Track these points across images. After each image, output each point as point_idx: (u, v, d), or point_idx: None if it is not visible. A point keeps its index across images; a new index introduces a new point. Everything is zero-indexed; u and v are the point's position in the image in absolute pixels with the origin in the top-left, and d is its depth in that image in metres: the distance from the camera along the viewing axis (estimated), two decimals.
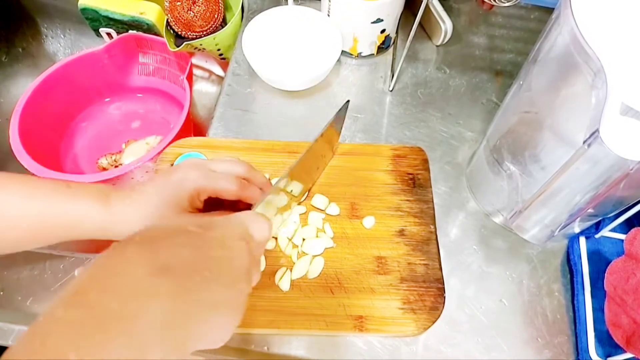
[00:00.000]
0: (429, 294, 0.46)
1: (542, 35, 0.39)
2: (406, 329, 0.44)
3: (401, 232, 0.50)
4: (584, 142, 0.31)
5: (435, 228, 0.50)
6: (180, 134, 0.59)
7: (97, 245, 0.56)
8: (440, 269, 0.47)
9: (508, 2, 0.53)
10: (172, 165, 0.53)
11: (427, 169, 0.54)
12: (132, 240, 0.27)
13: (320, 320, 0.44)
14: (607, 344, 0.45)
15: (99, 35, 0.75)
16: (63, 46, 0.83)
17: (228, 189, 0.41)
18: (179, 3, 0.68)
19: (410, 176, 0.53)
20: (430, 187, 0.53)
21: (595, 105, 0.32)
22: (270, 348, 0.45)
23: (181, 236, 0.29)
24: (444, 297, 0.46)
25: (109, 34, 0.74)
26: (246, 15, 0.72)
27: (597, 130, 0.29)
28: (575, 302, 0.47)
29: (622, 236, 0.50)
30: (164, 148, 0.54)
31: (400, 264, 0.47)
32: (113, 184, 0.55)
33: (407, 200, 0.52)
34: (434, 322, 0.45)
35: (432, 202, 0.52)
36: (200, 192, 0.41)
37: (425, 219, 0.51)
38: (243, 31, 0.62)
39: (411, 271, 0.47)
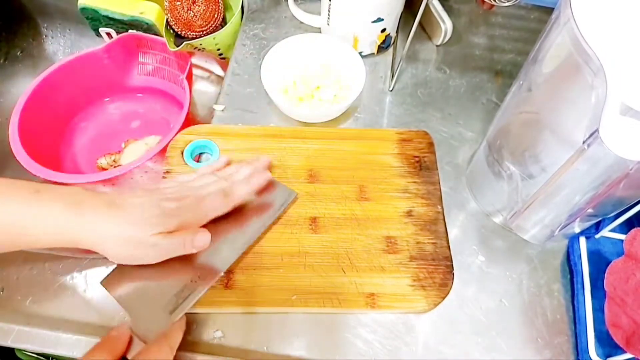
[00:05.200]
0: (438, 271, 0.47)
1: (542, 35, 0.39)
2: (417, 305, 0.46)
3: (409, 213, 0.51)
4: (584, 142, 0.31)
5: (442, 208, 0.52)
6: None
7: None
8: (449, 247, 0.49)
9: (508, 2, 0.53)
10: (182, 152, 0.53)
11: (433, 152, 0.56)
12: None
13: (333, 298, 0.46)
14: (607, 344, 0.44)
15: (98, 35, 0.75)
16: (63, 46, 0.83)
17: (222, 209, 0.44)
18: (178, 3, 0.68)
19: (417, 159, 0.55)
20: (437, 169, 0.54)
21: (595, 105, 0.32)
22: (270, 348, 0.45)
23: None
24: (453, 274, 0.47)
25: (108, 34, 0.74)
26: (246, 15, 0.72)
27: (596, 130, 0.29)
28: (575, 302, 0.47)
29: (622, 236, 0.50)
30: (164, 148, 0.54)
31: (409, 243, 0.49)
32: (112, 184, 0.55)
33: (414, 182, 0.53)
34: (443, 298, 0.46)
35: (439, 183, 0.53)
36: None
37: (432, 199, 0.52)
38: (262, 59, 0.59)
39: (420, 250, 0.49)
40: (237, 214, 0.48)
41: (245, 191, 0.47)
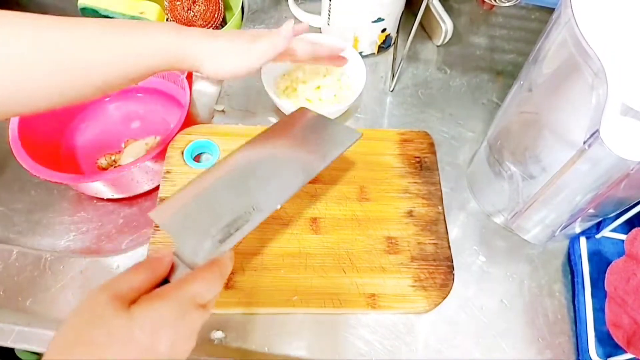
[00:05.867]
0: (439, 271, 0.47)
1: (543, 35, 0.39)
2: (417, 305, 0.46)
3: (410, 213, 0.51)
4: (584, 142, 0.31)
5: (443, 209, 0.52)
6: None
7: (97, 249, 0.56)
8: (449, 247, 0.49)
9: (508, 2, 0.53)
10: (182, 152, 0.54)
11: (434, 152, 0.56)
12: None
13: (334, 298, 0.46)
14: (608, 344, 0.44)
15: None
16: None
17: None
18: (178, 3, 0.68)
19: (417, 159, 0.55)
20: (437, 169, 0.54)
21: (596, 105, 0.32)
22: (271, 348, 0.45)
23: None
24: (453, 275, 0.47)
25: None
26: (246, 15, 0.72)
27: (597, 131, 0.29)
28: (575, 302, 0.47)
29: (622, 236, 0.50)
30: (164, 148, 0.54)
31: (410, 244, 0.49)
32: (112, 184, 0.55)
33: (415, 182, 0.53)
34: (444, 299, 0.46)
35: (439, 183, 0.53)
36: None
37: (433, 200, 0.52)
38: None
39: (421, 250, 0.49)
40: (299, 146, 0.47)
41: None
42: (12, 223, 0.59)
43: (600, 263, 0.48)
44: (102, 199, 0.60)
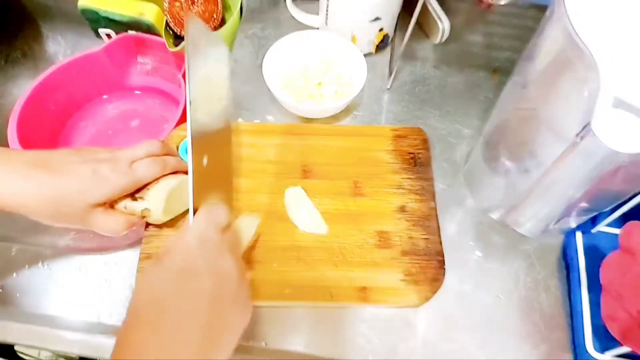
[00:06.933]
0: (430, 266, 0.48)
1: (537, 32, 0.40)
2: (408, 299, 0.46)
3: (402, 209, 0.51)
4: (577, 135, 0.32)
5: (435, 204, 0.52)
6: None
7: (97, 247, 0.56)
8: (441, 243, 0.49)
9: (505, 0, 0.53)
10: (177, 147, 0.54)
11: (427, 148, 0.56)
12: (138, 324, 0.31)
13: (325, 291, 0.46)
14: (604, 338, 0.45)
15: (98, 36, 0.75)
16: (63, 47, 0.83)
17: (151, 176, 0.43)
18: (177, 3, 0.68)
19: (411, 155, 0.55)
20: (431, 165, 0.55)
21: (588, 99, 0.32)
22: (269, 343, 0.46)
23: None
24: (444, 269, 0.47)
25: (108, 35, 0.74)
26: (245, 15, 0.73)
27: (589, 123, 0.30)
28: (571, 296, 0.48)
29: (618, 231, 0.50)
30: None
31: (402, 239, 0.49)
32: None
33: (408, 178, 0.53)
34: (435, 293, 0.46)
35: (432, 179, 0.54)
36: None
37: (425, 195, 0.52)
38: (264, 56, 0.59)
39: (413, 245, 0.49)
40: None
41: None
42: (13, 221, 0.59)
43: (596, 257, 0.49)
44: None
